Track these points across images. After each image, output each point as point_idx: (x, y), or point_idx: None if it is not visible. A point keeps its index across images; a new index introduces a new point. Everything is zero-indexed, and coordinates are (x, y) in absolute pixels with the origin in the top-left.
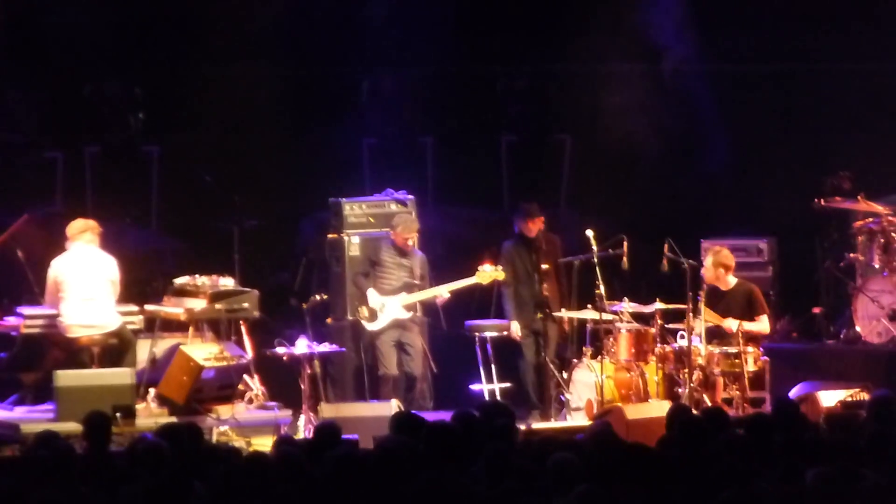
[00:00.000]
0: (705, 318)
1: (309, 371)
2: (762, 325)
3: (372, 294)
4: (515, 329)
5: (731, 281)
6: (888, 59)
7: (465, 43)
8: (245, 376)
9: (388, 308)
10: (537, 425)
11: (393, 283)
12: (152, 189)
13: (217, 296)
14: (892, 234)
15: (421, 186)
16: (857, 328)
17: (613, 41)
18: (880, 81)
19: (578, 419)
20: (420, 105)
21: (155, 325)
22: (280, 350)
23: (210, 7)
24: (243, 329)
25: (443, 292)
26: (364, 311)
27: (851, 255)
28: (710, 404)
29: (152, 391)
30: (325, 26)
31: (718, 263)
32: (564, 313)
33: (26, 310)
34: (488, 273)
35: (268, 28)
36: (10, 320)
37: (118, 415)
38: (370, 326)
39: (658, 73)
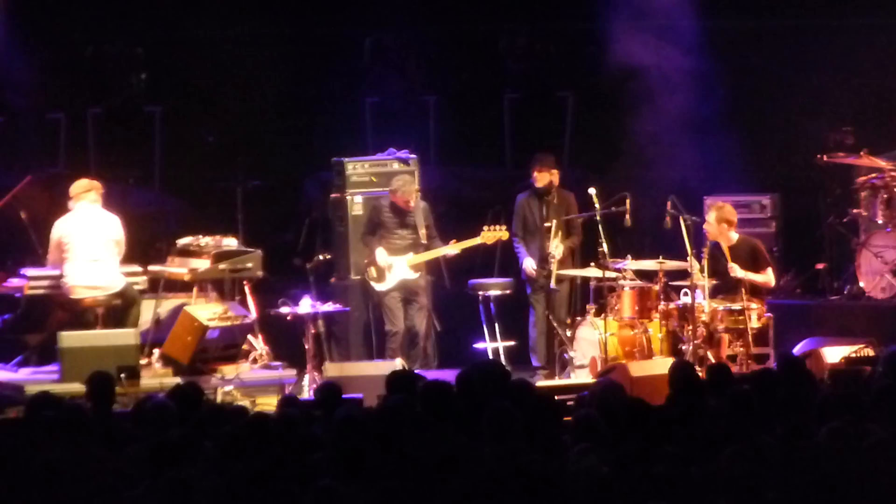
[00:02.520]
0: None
1: (313, 330)
2: (767, 277)
3: (381, 253)
4: (529, 265)
5: (734, 236)
6: (892, 13)
7: (466, 0)
8: (249, 336)
9: (396, 268)
10: (541, 383)
11: (398, 242)
12: (155, 149)
13: (221, 256)
14: (895, 190)
15: (424, 145)
16: (861, 284)
17: None
18: (884, 36)
19: (582, 377)
20: (423, 63)
21: (159, 286)
22: (284, 310)
23: None
24: (247, 289)
25: (451, 250)
26: (372, 272)
27: (854, 210)
28: (714, 361)
29: (157, 351)
30: None
31: (721, 219)
32: (571, 272)
33: (30, 271)
34: (492, 234)
35: None
36: (14, 282)
37: (122, 375)
38: (378, 287)
39: (660, 29)
